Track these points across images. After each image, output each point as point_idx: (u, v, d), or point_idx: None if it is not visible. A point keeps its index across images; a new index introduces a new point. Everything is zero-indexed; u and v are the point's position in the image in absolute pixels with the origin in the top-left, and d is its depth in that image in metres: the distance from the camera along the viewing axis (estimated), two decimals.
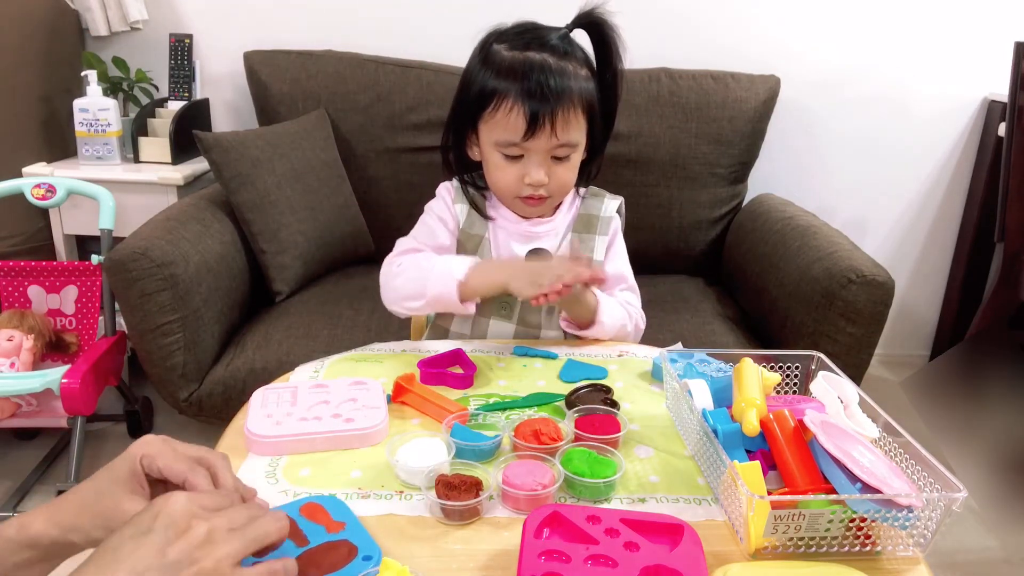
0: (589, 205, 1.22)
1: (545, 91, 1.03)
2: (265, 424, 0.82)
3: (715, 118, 2.06)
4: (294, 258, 1.83)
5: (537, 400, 0.93)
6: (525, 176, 1.09)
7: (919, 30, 2.24)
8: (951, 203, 2.43)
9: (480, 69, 1.09)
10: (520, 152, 1.09)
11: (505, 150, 1.09)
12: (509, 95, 1.05)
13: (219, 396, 1.61)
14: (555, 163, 1.10)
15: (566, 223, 1.22)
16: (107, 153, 1.97)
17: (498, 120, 1.07)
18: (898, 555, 0.69)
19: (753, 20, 2.22)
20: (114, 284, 1.55)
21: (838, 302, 1.55)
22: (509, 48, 1.08)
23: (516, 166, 1.10)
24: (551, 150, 1.08)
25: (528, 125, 1.04)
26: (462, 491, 0.70)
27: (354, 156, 2.05)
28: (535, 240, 1.20)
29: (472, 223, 1.20)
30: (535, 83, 1.04)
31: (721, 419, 0.78)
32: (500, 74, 1.06)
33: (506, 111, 1.05)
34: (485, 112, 1.08)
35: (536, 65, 1.05)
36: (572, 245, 1.18)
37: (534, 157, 1.08)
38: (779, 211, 1.98)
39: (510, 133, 1.06)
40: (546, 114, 1.04)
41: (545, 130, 1.05)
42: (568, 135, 1.07)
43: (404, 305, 1.13)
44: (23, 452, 1.87)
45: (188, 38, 2.07)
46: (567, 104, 1.05)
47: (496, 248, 1.20)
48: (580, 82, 1.07)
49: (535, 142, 1.06)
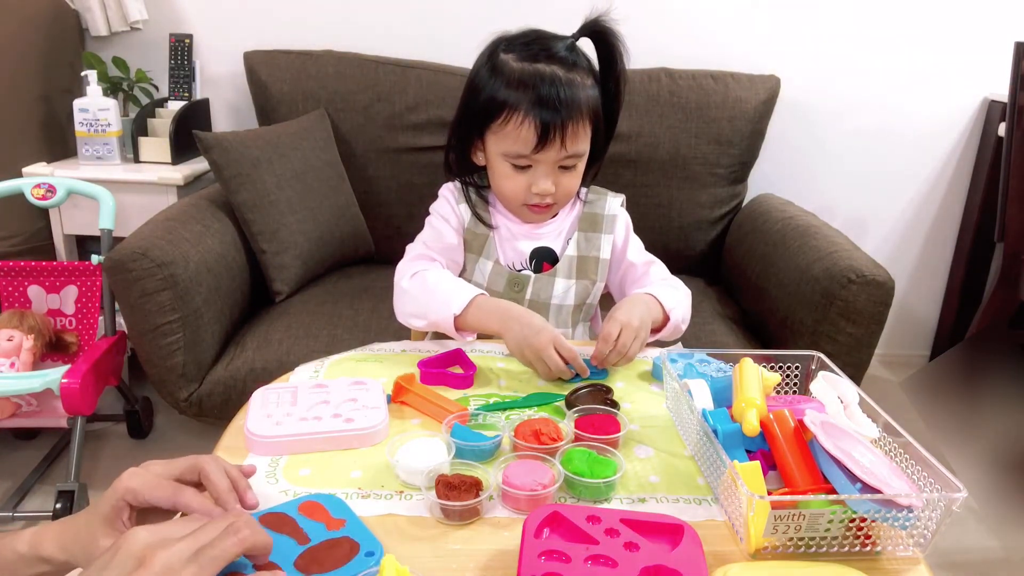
0: (593, 204, 1.24)
1: (556, 105, 1.04)
2: (265, 424, 0.82)
3: (715, 118, 2.06)
4: (294, 258, 1.83)
5: (537, 400, 0.93)
6: (532, 186, 1.11)
7: (919, 30, 2.24)
8: (951, 203, 2.43)
9: (489, 78, 1.09)
10: (528, 163, 1.10)
11: (514, 161, 1.10)
12: (520, 108, 1.05)
13: (219, 396, 1.61)
14: (561, 172, 1.12)
15: (569, 223, 1.23)
16: (107, 153, 1.97)
17: (508, 132, 1.08)
18: (898, 555, 0.69)
19: (753, 20, 2.22)
20: (114, 284, 1.55)
21: (838, 302, 1.55)
22: (518, 59, 1.08)
23: (524, 176, 1.11)
24: (559, 161, 1.10)
25: (539, 139, 1.06)
26: (462, 491, 0.70)
27: (354, 156, 2.05)
28: (538, 240, 1.21)
29: (476, 223, 1.21)
30: (546, 97, 1.04)
31: (721, 419, 0.78)
32: (510, 85, 1.06)
33: (516, 124, 1.06)
34: (494, 123, 1.09)
35: (547, 78, 1.05)
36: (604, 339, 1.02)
37: (542, 168, 1.10)
38: (779, 211, 1.98)
39: (520, 146, 1.07)
40: (556, 127, 1.05)
41: (555, 143, 1.06)
42: (576, 146, 1.09)
43: (409, 321, 1.16)
44: (23, 452, 1.87)
45: (188, 38, 2.07)
46: (576, 116, 1.06)
47: (501, 247, 1.21)
48: (587, 91, 1.08)
49: (544, 154, 1.08)
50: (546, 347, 0.97)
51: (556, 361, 0.97)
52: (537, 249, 1.21)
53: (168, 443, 1.97)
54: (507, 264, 1.21)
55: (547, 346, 0.98)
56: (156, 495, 0.59)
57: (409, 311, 1.14)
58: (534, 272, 1.20)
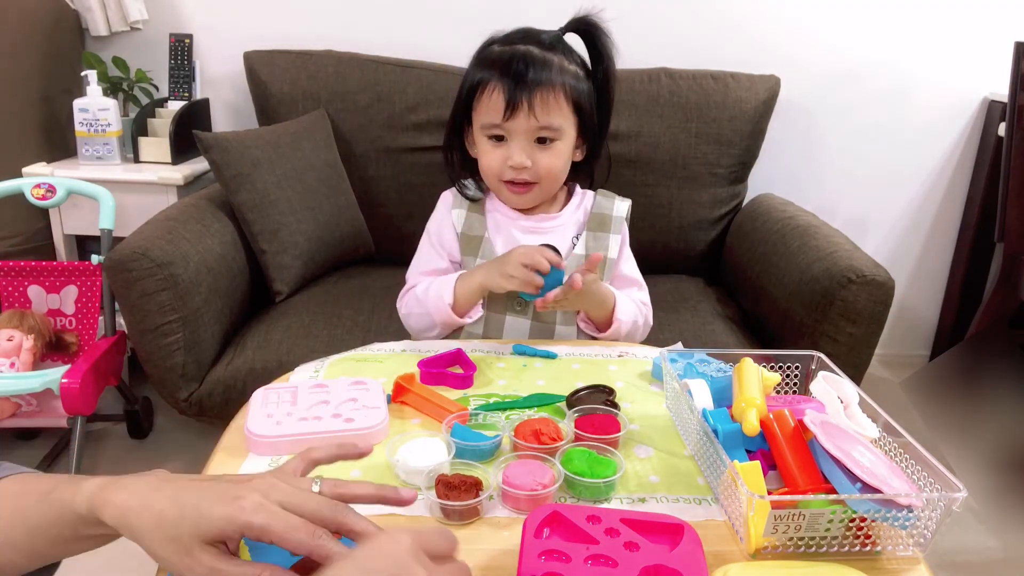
0: (602, 204, 1.25)
1: (523, 72, 1.08)
2: (265, 424, 0.82)
3: (715, 118, 2.06)
4: (294, 258, 1.83)
5: (537, 400, 0.93)
6: (507, 159, 1.13)
7: (919, 30, 2.24)
8: (951, 203, 2.43)
9: (473, 68, 1.15)
10: (502, 133, 1.12)
11: (489, 131, 1.13)
12: (492, 78, 1.10)
13: (219, 396, 1.61)
14: (538, 148, 1.13)
15: (574, 221, 1.24)
16: (107, 153, 1.97)
17: (482, 103, 1.12)
18: (898, 555, 0.69)
19: (753, 20, 2.22)
20: (114, 284, 1.55)
21: (838, 302, 1.55)
22: (500, 45, 1.13)
23: (500, 149, 1.13)
24: (532, 132, 1.11)
25: (507, 104, 1.08)
26: (462, 491, 0.70)
27: (354, 156, 2.05)
28: (543, 235, 1.21)
29: (471, 225, 1.22)
30: (515, 67, 1.08)
31: (721, 419, 0.78)
32: (486, 64, 1.12)
33: (489, 93, 1.11)
34: (474, 100, 1.13)
35: (519, 53, 1.10)
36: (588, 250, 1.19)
37: (516, 139, 1.12)
38: (779, 211, 1.98)
39: (491, 114, 1.11)
40: (523, 94, 1.08)
41: (523, 110, 1.09)
42: (548, 118, 1.10)
43: (425, 336, 1.19)
44: (23, 452, 1.87)
45: (188, 38, 2.07)
46: (547, 87, 1.09)
47: (498, 247, 1.21)
48: (566, 74, 1.11)
49: (515, 122, 1.10)
50: (514, 253, 1.06)
51: (525, 255, 1.04)
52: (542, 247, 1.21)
53: (168, 443, 1.97)
54: None
55: (515, 253, 1.06)
56: (291, 538, 0.52)
57: (420, 328, 1.19)
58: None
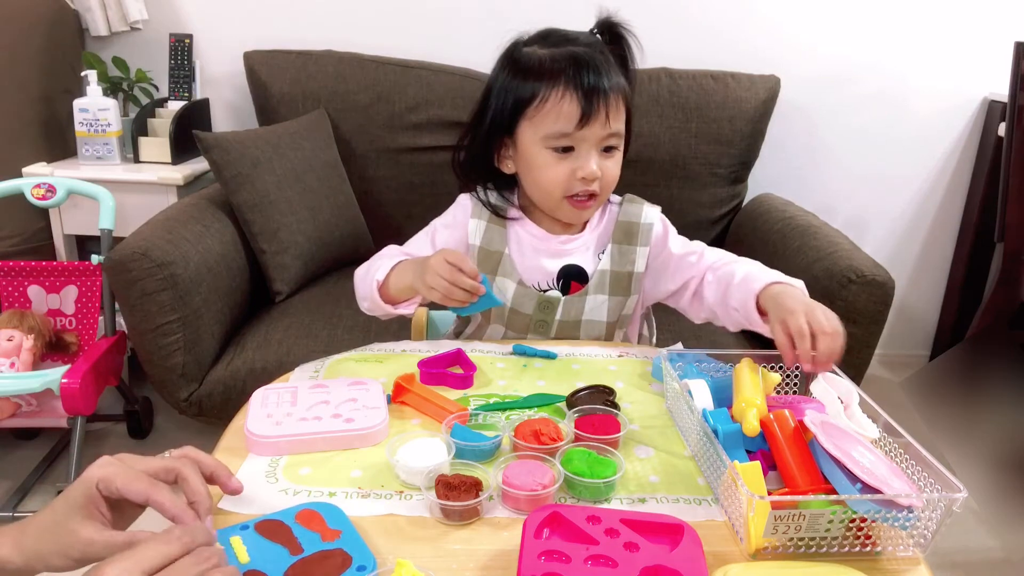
0: (628, 212, 1.15)
1: (596, 77, 1.01)
2: (265, 424, 0.82)
3: (715, 118, 2.06)
4: (294, 258, 1.83)
5: (537, 400, 0.93)
6: (578, 170, 1.04)
7: (919, 30, 2.24)
8: (951, 203, 2.43)
9: (512, 74, 1.06)
10: (571, 144, 1.04)
11: (556, 142, 1.04)
12: (558, 85, 1.01)
13: (219, 396, 1.61)
14: (604, 156, 1.06)
15: (596, 237, 1.16)
16: (107, 153, 1.97)
17: (547, 112, 1.03)
18: (898, 555, 0.69)
19: (753, 20, 2.22)
20: (114, 284, 1.55)
21: (838, 302, 1.55)
22: (543, 47, 1.05)
23: (566, 161, 1.05)
24: (602, 140, 1.05)
25: (583, 112, 1.01)
26: (462, 491, 0.70)
27: (354, 156, 2.05)
28: (565, 257, 1.14)
29: (491, 240, 1.14)
30: (585, 70, 1.01)
31: (721, 419, 0.78)
32: (543, 67, 1.03)
33: (556, 100, 1.02)
34: (529, 109, 1.04)
35: (582, 55, 1.02)
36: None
37: (585, 148, 1.04)
38: (779, 211, 1.98)
39: (562, 123, 1.02)
40: (600, 99, 1.01)
41: (600, 117, 1.02)
42: (618, 123, 1.05)
43: (361, 305, 1.13)
44: (23, 452, 1.87)
45: (188, 38, 2.07)
46: (616, 91, 1.03)
47: (523, 265, 1.14)
48: (620, 77, 1.05)
49: (589, 130, 1.02)
50: (432, 261, 0.97)
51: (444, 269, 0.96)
52: (565, 267, 1.14)
53: (168, 443, 1.97)
54: (533, 284, 1.13)
55: (434, 262, 0.97)
56: (131, 488, 0.58)
57: (361, 298, 1.14)
58: (563, 293, 1.13)
